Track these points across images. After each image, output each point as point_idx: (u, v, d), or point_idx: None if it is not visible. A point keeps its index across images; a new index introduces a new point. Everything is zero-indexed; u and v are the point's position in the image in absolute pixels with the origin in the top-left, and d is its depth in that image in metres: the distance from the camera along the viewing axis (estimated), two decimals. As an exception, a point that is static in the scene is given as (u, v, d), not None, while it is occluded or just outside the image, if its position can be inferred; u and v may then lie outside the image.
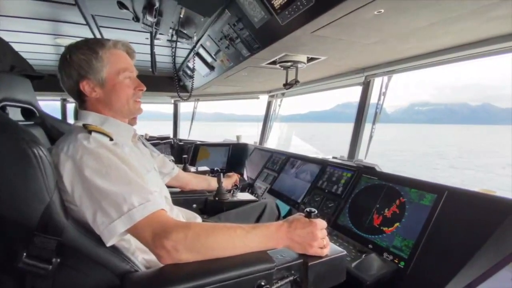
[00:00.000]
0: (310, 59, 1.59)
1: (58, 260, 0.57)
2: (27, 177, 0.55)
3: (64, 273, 0.59)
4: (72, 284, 0.61)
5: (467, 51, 1.27)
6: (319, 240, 0.68)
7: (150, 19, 1.36)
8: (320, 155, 2.03)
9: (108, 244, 0.61)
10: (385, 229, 1.17)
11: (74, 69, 0.79)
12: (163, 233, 0.60)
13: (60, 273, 0.58)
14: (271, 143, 3.22)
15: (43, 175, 0.56)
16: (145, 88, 0.87)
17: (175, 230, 0.61)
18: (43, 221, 0.57)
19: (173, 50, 1.68)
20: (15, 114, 0.78)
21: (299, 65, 1.60)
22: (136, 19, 1.47)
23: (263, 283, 0.59)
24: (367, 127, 1.98)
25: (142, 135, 3.28)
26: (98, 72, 0.79)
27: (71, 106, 3.43)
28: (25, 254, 0.56)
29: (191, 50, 2.01)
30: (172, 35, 1.61)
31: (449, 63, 1.45)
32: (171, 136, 3.67)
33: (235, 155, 3.05)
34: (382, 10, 0.93)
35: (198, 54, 1.98)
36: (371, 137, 2.00)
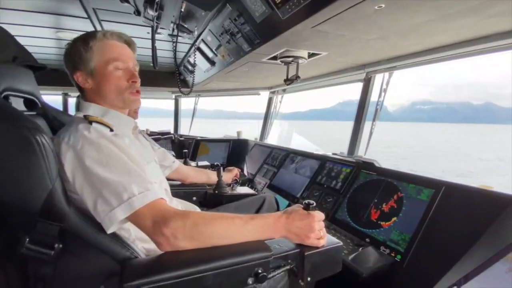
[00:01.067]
0: (311, 55, 1.59)
1: (60, 245, 0.59)
2: (30, 164, 0.56)
3: (66, 258, 0.61)
4: (74, 269, 0.62)
5: (467, 48, 1.27)
6: (316, 231, 0.69)
7: (151, 13, 1.36)
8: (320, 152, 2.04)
9: (109, 231, 0.62)
10: (382, 223, 1.18)
11: (69, 62, 0.82)
12: (163, 221, 0.61)
13: (62, 258, 0.60)
14: (270, 142, 3.22)
15: (46, 162, 0.57)
16: (138, 80, 0.85)
17: (174, 218, 0.62)
18: (45, 208, 0.58)
19: (174, 44, 1.68)
20: (17, 104, 0.79)
21: (300, 61, 1.60)
22: (138, 13, 1.47)
23: (260, 271, 0.61)
24: (367, 124, 1.99)
25: (143, 130, 3.29)
26: (88, 62, 0.81)
27: (72, 101, 3.44)
28: (28, 239, 0.57)
29: (192, 44, 2.01)
30: (173, 30, 1.61)
31: (449, 60, 1.45)
32: (172, 132, 3.68)
33: (235, 151, 3.06)
34: (383, 5, 0.93)
35: (199, 49, 1.99)
36: (371, 133, 2.00)
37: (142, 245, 0.74)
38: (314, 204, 0.72)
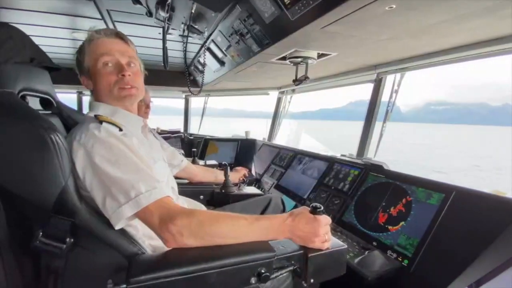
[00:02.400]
0: (320, 55, 1.58)
1: (72, 240, 0.61)
2: (45, 162, 0.59)
3: (76, 252, 0.63)
4: (84, 263, 0.65)
5: (482, 49, 1.23)
6: (321, 236, 0.69)
7: (162, 14, 1.39)
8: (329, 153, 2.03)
9: (117, 227, 0.64)
10: (390, 227, 1.17)
11: (76, 67, 0.86)
12: (169, 219, 0.63)
13: (73, 252, 0.63)
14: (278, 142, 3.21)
15: (59, 160, 0.60)
16: (126, 72, 0.82)
17: (180, 216, 0.63)
18: (58, 204, 0.60)
19: (185, 45, 1.70)
20: (34, 103, 0.82)
21: (309, 61, 1.59)
22: (149, 14, 1.50)
23: (263, 271, 0.61)
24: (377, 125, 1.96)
25: (154, 129, 3.35)
26: (83, 64, 0.84)
27: (86, 99, 3.55)
28: (41, 233, 0.60)
29: (202, 45, 2.03)
30: (183, 30, 1.63)
31: (463, 61, 1.41)
32: (182, 130, 3.73)
33: (243, 150, 3.08)
34: (394, 6, 0.91)
35: (209, 49, 2.01)
36: (381, 135, 1.97)
37: (149, 242, 0.76)
38: (322, 208, 0.71)
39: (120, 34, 0.87)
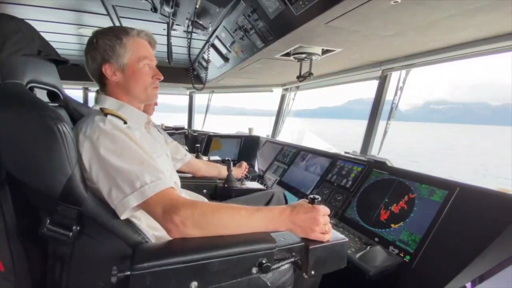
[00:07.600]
0: (325, 51, 1.57)
1: (78, 228, 0.63)
2: (52, 151, 0.60)
3: (82, 240, 0.65)
4: (89, 250, 0.66)
5: (490, 46, 1.22)
6: (321, 225, 0.69)
7: (167, 9, 1.40)
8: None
9: (122, 217, 0.66)
10: (392, 223, 1.16)
11: (99, 53, 0.84)
12: (173, 209, 0.64)
13: (79, 240, 0.64)
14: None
15: (66, 150, 0.61)
16: (162, 77, 0.92)
17: (183, 207, 0.64)
18: (65, 192, 0.62)
19: (189, 41, 1.71)
20: (41, 96, 0.84)
21: (313, 57, 1.58)
22: (154, 9, 1.51)
23: (264, 261, 0.62)
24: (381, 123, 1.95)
25: (159, 125, 3.37)
26: (120, 57, 0.84)
27: (92, 95, 3.58)
28: (48, 221, 0.62)
29: (207, 41, 2.04)
30: (188, 26, 1.64)
31: (470, 58, 1.40)
32: (186, 127, 3.75)
33: (246, 147, 3.08)
34: (399, 0, 0.91)
35: (213, 45, 2.01)
36: (385, 132, 1.96)
37: (153, 232, 0.77)
38: (319, 198, 0.72)
39: (154, 42, 0.95)
